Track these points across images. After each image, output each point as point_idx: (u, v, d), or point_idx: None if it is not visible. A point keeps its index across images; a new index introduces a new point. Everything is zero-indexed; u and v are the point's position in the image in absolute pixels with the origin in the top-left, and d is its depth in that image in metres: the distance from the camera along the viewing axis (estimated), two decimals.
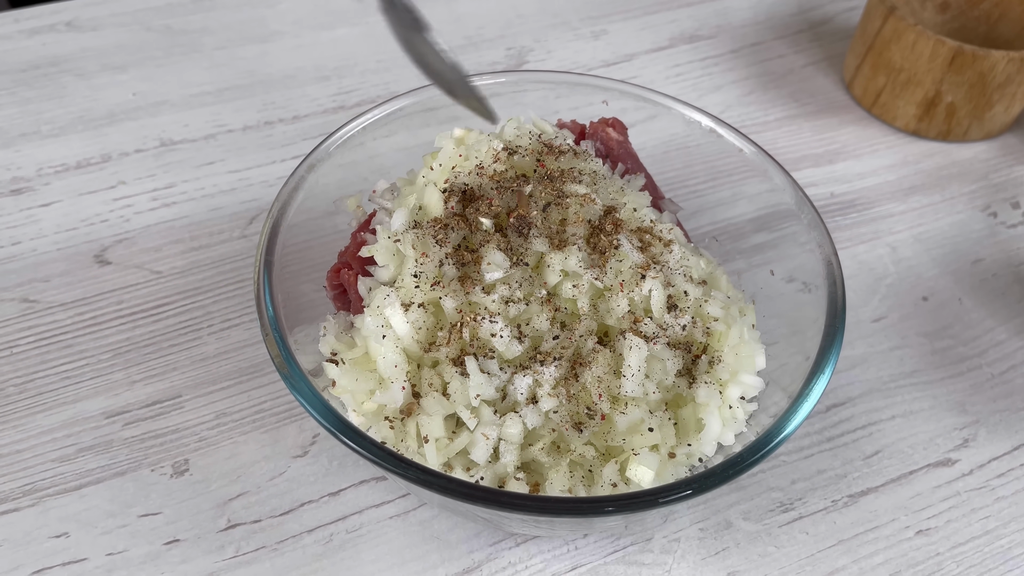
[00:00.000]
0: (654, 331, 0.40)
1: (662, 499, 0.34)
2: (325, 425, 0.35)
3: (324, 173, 0.45)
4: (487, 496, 0.34)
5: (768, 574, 0.44)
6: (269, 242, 0.41)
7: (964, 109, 0.63)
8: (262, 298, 0.39)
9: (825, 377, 0.38)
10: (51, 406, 0.47)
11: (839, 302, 0.41)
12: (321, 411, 0.36)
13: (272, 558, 0.43)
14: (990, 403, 0.51)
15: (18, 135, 0.61)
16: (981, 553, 0.45)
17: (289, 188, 0.44)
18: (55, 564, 0.42)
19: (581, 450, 0.38)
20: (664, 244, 0.43)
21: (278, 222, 0.42)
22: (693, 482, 0.35)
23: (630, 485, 0.38)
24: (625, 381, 0.38)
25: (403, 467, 0.34)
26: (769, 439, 0.36)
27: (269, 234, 0.41)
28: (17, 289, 0.52)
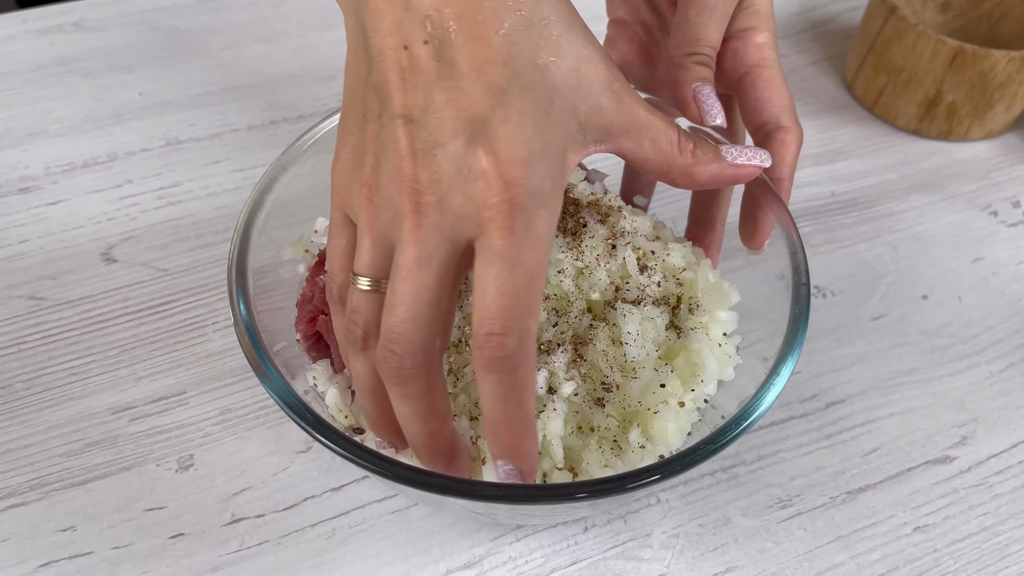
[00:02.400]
0: (636, 294, 0.41)
1: (629, 484, 0.34)
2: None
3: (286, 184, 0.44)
4: (463, 489, 0.34)
5: (766, 570, 0.44)
6: (240, 251, 0.41)
7: (965, 109, 0.63)
8: (236, 306, 0.39)
9: (794, 357, 0.38)
10: (58, 402, 0.48)
11: (802, 266, 0.42)
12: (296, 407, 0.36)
13: (276, 552, 0.43)
14: (989, 401, 0.51)
15: (26, 134, 0.61)
16: (979, 550, 0.45)
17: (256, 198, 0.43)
18: (62, 557, 0.42)
19: (605, 423, 0.39)
20: (617, 211, 0.44)
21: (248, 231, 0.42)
22: (686, 455, 0.35)
23: (657, 444, 0.39)
24: (628, 348, 0.40)
25: (379, 465, 0.34)
26: (738, 421, 0.37)
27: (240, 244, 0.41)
28: (25, 286, 0.53)
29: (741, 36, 0.44)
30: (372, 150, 0.31)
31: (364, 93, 0.31)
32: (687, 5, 0.44)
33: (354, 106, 0.32)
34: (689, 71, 0.42)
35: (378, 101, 0.31)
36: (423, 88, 0.30)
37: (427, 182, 0.30)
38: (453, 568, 0.43)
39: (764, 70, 0.43)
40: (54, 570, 0.42)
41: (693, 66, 0.42)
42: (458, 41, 0.30)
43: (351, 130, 0.32)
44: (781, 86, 0.44)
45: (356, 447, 0.34)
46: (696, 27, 0.43)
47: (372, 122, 0.31)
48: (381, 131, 0.31)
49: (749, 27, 0.44)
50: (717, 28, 0.43)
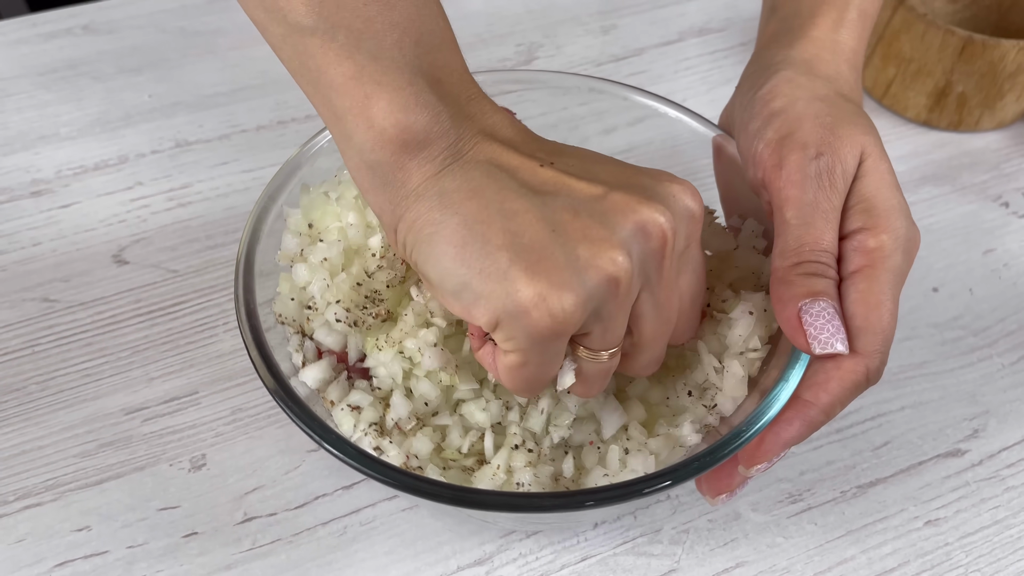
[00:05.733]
0: None
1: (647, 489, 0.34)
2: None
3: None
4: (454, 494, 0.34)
5: (776, 564, 0.44)
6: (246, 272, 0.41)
7: (975, 99, 0.63)
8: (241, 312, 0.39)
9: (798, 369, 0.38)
10: (72, 403, 0.48)
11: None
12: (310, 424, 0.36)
13: (288, 550, 0.44)
14: (1000, 393, 0.51)
15: (37, 138, 0.62)
16: (990, 543, 0.45)
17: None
18: (77, 557, 0.43)
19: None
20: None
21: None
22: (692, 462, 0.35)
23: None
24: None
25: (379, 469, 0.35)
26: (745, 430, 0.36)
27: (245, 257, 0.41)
28: (38, 289, 0.53)
29: (852, 237, 0.38)
30: (592, 235, 0.32)
31: (535, 216, 0.32)
32: (781, 206, 0.38)
33: (530, 235, 0.32)
34: (792, 286, 0.37)
35: (564, 208, 0.32)
36: (590, 175, 0.34)
37: (668, 220, 0.33)
38: (464, 565, 0.43)
39: (863, 279, 0.37)
40: (70, 569, 0.43)
41: (798, 279, 0.37)
42: (571, 155, 0.35)
43: (545, 255, 0.31)
44: (879, 303, 0.36)
45: (359, 453, 0.35)
46: (798, 230, 0.37)
47: (574, 219, 0.32)
48: (589, 217, 0.32)
49: (861, 227, 0.38)
50: (825, 226, 0.37)
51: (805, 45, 0.43)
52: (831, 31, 0.43)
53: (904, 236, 0.37)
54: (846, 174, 0.38)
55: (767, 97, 0.41)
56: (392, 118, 0.32)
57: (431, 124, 0.33)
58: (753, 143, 0.40)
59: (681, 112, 0.49)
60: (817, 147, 0.38)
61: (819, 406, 0.36)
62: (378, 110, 0.32)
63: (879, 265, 0.37)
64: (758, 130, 0.40)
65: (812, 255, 0.37)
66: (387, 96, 0.32)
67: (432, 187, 0.33)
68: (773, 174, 0.39)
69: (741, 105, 0.43)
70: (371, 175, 0.34)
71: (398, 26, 0.33)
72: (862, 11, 0.44)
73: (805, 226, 0.37)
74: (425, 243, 0.33)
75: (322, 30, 0.32)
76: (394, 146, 0.33)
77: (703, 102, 0.68)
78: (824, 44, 0.43)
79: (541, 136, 0.36)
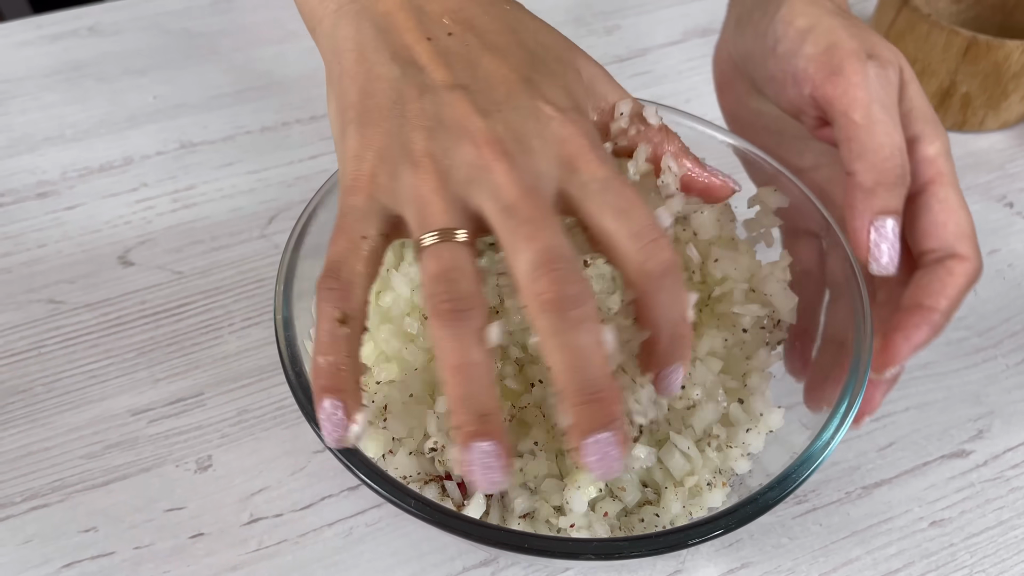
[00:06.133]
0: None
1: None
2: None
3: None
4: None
5: (781, 565, 0.44)
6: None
7: (979, 99, 0.63)
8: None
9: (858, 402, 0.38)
10: (78, 404, 0.49)
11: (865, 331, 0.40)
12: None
13: (294, 551, 0.44)
14: (1005, 394, 0.51)
15: (42, 139, 0.62)
16: (995, 543, 0.45)
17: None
18: (84, 558, 0.43)
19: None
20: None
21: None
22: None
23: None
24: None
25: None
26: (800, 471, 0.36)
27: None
28: (44, 290, 0.53)
29: (910, 146, 0.39)
30: (419, 126, 0.32)
31: (390, 84, 0.33)
32: (846, 111, 0.38)
33: (375, 100, 0.33)
34: (872, 197, 0.37)
35: (415, 84, 0.33)
36: (463, 64, 0.34)
37: (504, 132, 0.32)
38: (469, 566, 0.44)
39: (940, 188, 0.38)
40: (77, 570, 0.43)
41: (879, 189, 0.37)
42: (480, 31, 0.35)
43: (376, 122, 0.33)
44: (959, 207, 0.38)
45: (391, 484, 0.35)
46: (872, 128, 0.37)
47: (412, 103, 0.33)
48: (430, 106, 0.33)
49: (915, 135, 0.39)
50: (895, 126, 0.38)
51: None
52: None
53: (948, 143, 0.39)
54: (898, 75, 0.39)
55: (788, 18, 0.41)
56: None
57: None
58: (791, 62, 0.41)
59: (683, 116, 0.49)
60: (868, 51, 0.39)
61: (940, 310, 0.38)
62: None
63: (945, 171, 0.38)
64: (792, 50, 0.41)
65: (893, 158, 0.37)
66: None
67: (330, 28, 0.36)
68: (829, 83, 0.39)
69: (756, 32, 0.43)
70: (304, 20, 0.38)
71: None
72: None
73: (878, 123, 0.37)
74: (328, 85, 0.36)
75: None
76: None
77: (707, 103, 0.68)
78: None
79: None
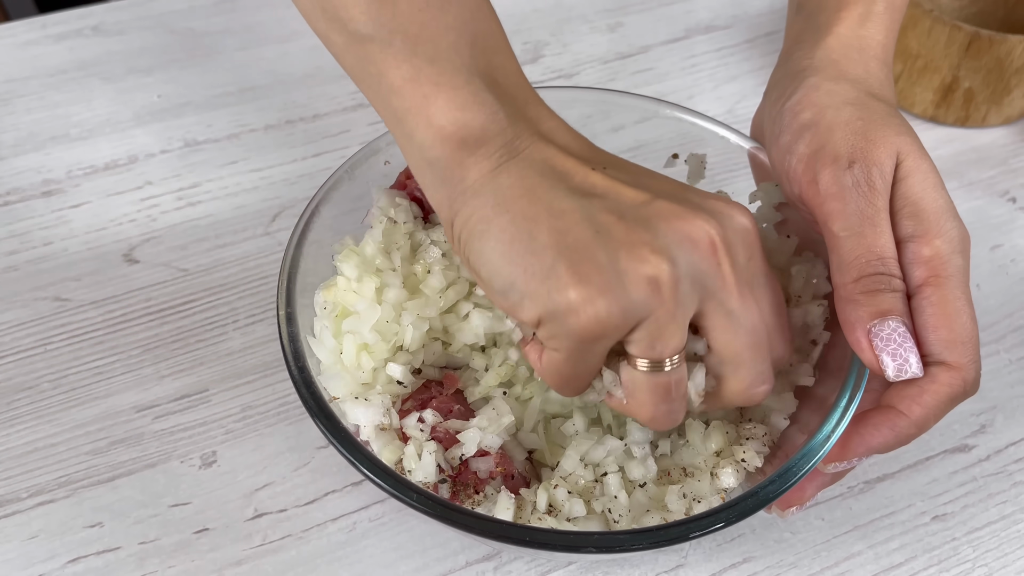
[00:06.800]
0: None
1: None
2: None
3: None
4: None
5: (784, 560, 0.44)
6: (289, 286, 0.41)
7: (982, 95, 0.63)
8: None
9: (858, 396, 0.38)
10: (84, 401, 0.49)
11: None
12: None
13: (298, 546, 0.44)
14: (1008, 389, 0.51)
15: (48, 138, 0.63)
16: (998, 538, 0.45)
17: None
18: (90, 553, 0.43)
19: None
20: None
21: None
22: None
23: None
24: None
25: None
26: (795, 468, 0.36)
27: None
28: (50, 288, 0.54)
29: (905, 248, 0.37)
30: (636, 239, 0.32)
31: (582, 215, 0.32)
32: (826, 221, 0.37)
33: (574, 235, 0.32)
34: (859, 306, 0.36)
35: (609, 210, 0.33)
36: (639, 184, 0.34)
37: (718, 231, 0.33)
38: (472, 560, 0.44)
39: (934, 291, 0.36)
40: (83, 565, 0.43)
41: (863, 297, 0.36)
42: (624, 167, 0.36)
43: (588, 255, 0.32)
44: (958, 312, 0.35)
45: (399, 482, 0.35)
46: (849, 241, 0.36)
47: (615, 226, 0.32)
48: (634, 222, 0.32)
49: (912, 235, 0.37)
50: (875, 232, 0.36)
51: (831, 43, 0.42)
52: (857, 26, 0.42)
53: (957, 238, 0.37)
54: (884, 177, 0.37)
55: (796, 109, 0.40)
56: (450, 115, 0.33)
57: (488, 122, 0.34)
58: (786, 158, 0.40)
59: (686, 113, 0.49)
60: (849, 156, 0.37)
61: (912, 418, 0.36)
62: (436, 109, 0.33)
63: (942, 273, 0.36)
64: (789, 144, 0.40)
65: (871, 266, 0.36)
66: (445, 95, 0.33)
67: (488, 184, 0.34)
68: (810, 190, 0.38)
69: (771, 116, 0.42)
70: (431, 172, 0.35)
71: (452, 29, 0.33)
72: (889, 3, 0.43)
73: (856, 236, 0.36)
74: (477, 239, 0.33)
75: (380, 37, 0.33)
76: (453, 143, 0.34)
77: (709, 99, 0.68)
78: (850, 42, 0.42)
79: (595, 145, 0.37)
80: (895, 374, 0.35)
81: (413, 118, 0.34)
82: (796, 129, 0.40)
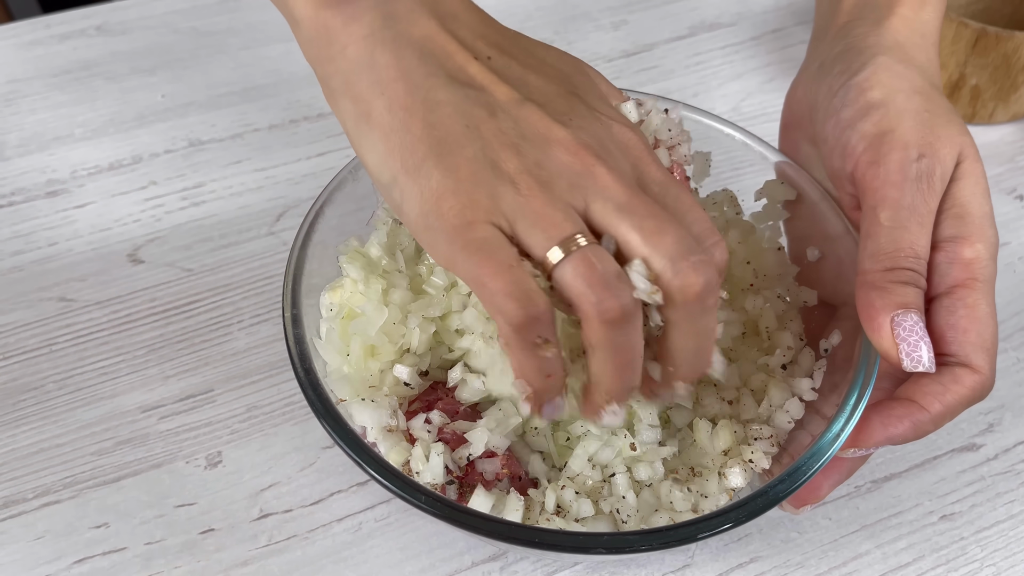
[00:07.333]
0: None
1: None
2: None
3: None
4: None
5: (791, 559, 0.44)
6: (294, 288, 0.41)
7: (989, 92, 0.63)
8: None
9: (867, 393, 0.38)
10: (89, 401, 0.49)
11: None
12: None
13: (303, 546, 0.44)
14: (1015, 387, 0.51)
15: (52, 139, 0.62)
16: (1006, 537, 0.45)
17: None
18: (96, 553, 0.43)
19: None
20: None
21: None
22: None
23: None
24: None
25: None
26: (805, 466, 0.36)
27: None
28: (55, 288, 0.54)
29: (945, 247, 0.37)
30: (504, 144, 0.32)
31: (455, 109, 0.32)
32: (876, 206, 0.37)
33: (444, 128, 0.32)
34: (887, 293, 0.35)
35: (482, 104, 0.32)
36: (517, 81, 0.34)
37: (588, 138, 0.33)
38: (478, 560, 0.44)
39: (969, 293, 0.36)
40: (89, 566, 0.43)
41: (892, 286, 0.35)
42: (511, 54, 0.35)
43: (455, 150, 0.32)
44: (986, 317, 0.36)
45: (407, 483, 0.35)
46: (893, 233, 0.36)
47: (486, 123, 0.32)
48: (506, 123, 0.32)
49: (954, 235, 0.36)
50: (920, 231, 0.36)
51: (895, 24, 0.41)
52: (918, 9, 0.41)
53: (995, 244, 0.37)
54: (944, 177, 0.37)
55: (864, 85, 0.39)
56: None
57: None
58: (845, 132, 0.39)
59: (691, 111, 0.49)
60: (919, 148, 0.37)
61: (931, 414, 0.36)
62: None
63: (980, 277, 0.36)
64: (852, 120, 0.39)
65: (907, 262, 0.36)
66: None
67: (364, 54, 0.33)
68: (869, 171, 0.37)
69: (829, 88, 0.41)
70: (300, 33, 0.35)
71: None
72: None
73: (901, 229, 0.36)
74: (363, 121, 0.33)
75: None
76: (317, 0, 0.33)
77: (715, 97, 0.68)
78: (913, 25, 0.41)
79: (491, 18, 0.36)
80: (912, 365, 0.35)
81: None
82: (863, 106, 0.39)
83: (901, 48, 0.40)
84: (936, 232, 0.37)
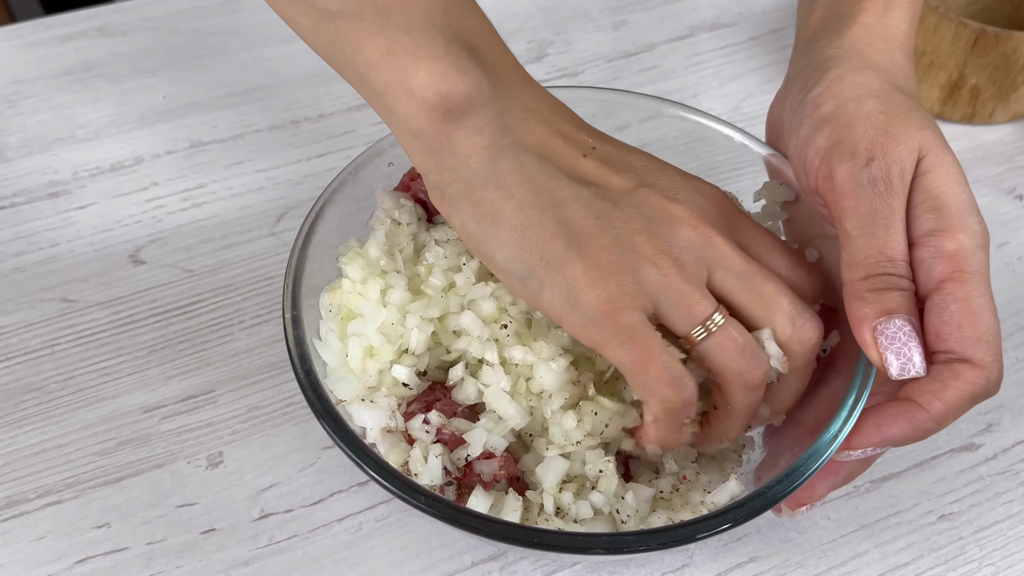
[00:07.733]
0: None
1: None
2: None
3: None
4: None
5: (789, 559, 0.44)
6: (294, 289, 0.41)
7: (988, 91, 0.63)
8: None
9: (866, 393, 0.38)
10: (91, 402, 0.49)
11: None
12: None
13: (304, 546, 0.44)
14: (1014, 387, 0.51)
15: (54, 140, 0.63)
16: (1004, 537, 0.45)
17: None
18: (97, 553, 0.44)
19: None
20: None
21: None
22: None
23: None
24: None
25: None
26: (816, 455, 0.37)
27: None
28: (57, 289, 0.54)
29: (925, 243, 0.36)
30: (635, 229, 0.36)
31: (583, 204, 0.35)
32: (840, 218, 0.37)
33: (577, 223, 0.35)
34: (865, 303, 0.35)
35: (604, 197, 0.36)
36: (622, 166, 0.37)
37: (699, 208, 0.37)
38: (478, 560, 0.44)
39: (958, 287, 0.35)
40: (91, 566, 0.43)
41: (870, 295, 0.35)
42: (602, 138, 0.39)
43: (593, 242, 0.35)
44: (982, 309, 0.35)
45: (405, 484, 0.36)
46: (860, 241, 0.36)
47: (612, 213, 0.36)
48: (629, 209, 0.36)
49: (934, 229, 0.36)
50: (887, 233, 0.36)
51: (855, 32, 0.41)
52: (882, 15, 0.41)
53: (980, 233, 0.36)
54: (903, 174, 0.36)
55: (817, 100, 0.39)
56: (432, 87, 0.33)
57: (472, 91, 0.34)
58: (803, 150, 0.39)
59: (690, 111, 0.49)
60: (868, 152, 0.36)
61: (931, 413, 0.35)
62: (417, 81, 0.33)
63: (966, 268, 0.35)
64: (808, 137, 0.39)
65: (880, 267, 0.36)
66: (425, 67, 0.33)
67: (487, 167, 0.35)
68: (825, 185, 0.38)
69: (791, 107, 0.42)
70: (416, 142, 0.35)
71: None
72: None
73: (868, 236, 0.36)
74: (489, 223, 0.35)
75: (350, 12, 0.33)
76: (437, 114, 0.34)
77: (714, 97, 0.68)
78: (875, 31, 0.41)
79: (572, 111, 0.39)
80: (899, 372, 0.35)
81: (394, 92, 0.34)
82: (816, 121, 0.39)
83: (860, 55, 0.40)
84: (913, 228, 0.36)
